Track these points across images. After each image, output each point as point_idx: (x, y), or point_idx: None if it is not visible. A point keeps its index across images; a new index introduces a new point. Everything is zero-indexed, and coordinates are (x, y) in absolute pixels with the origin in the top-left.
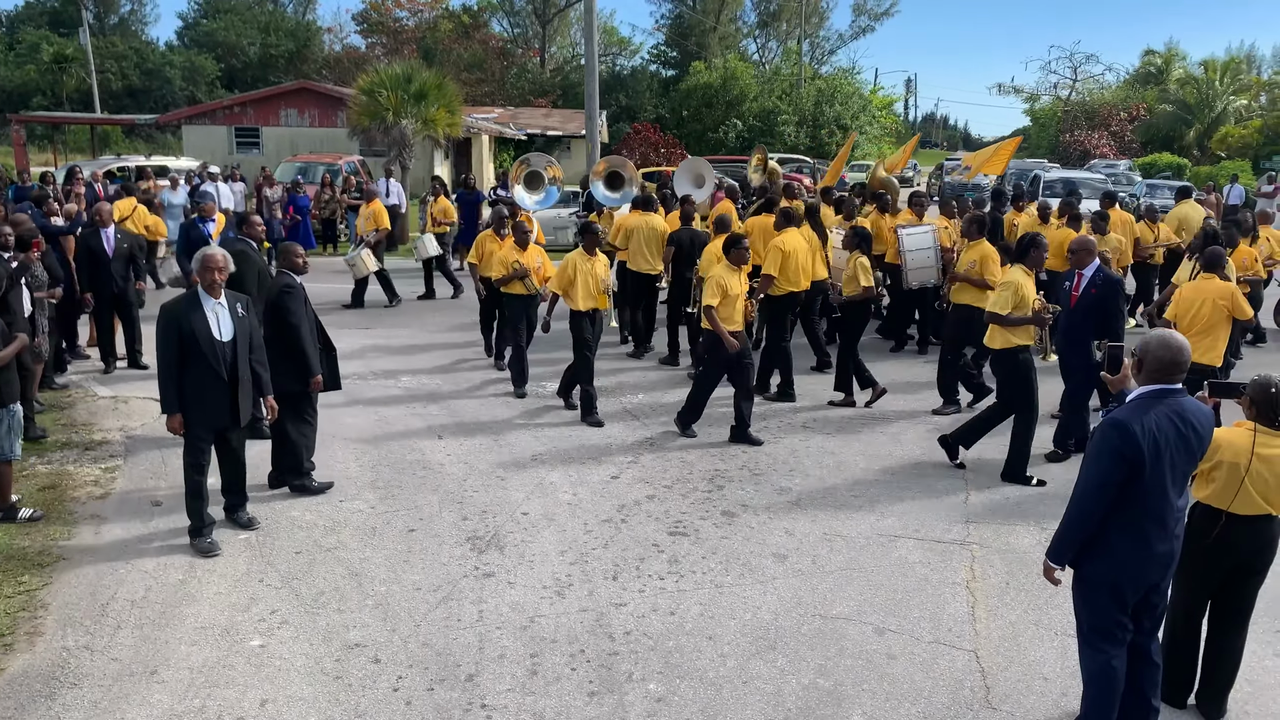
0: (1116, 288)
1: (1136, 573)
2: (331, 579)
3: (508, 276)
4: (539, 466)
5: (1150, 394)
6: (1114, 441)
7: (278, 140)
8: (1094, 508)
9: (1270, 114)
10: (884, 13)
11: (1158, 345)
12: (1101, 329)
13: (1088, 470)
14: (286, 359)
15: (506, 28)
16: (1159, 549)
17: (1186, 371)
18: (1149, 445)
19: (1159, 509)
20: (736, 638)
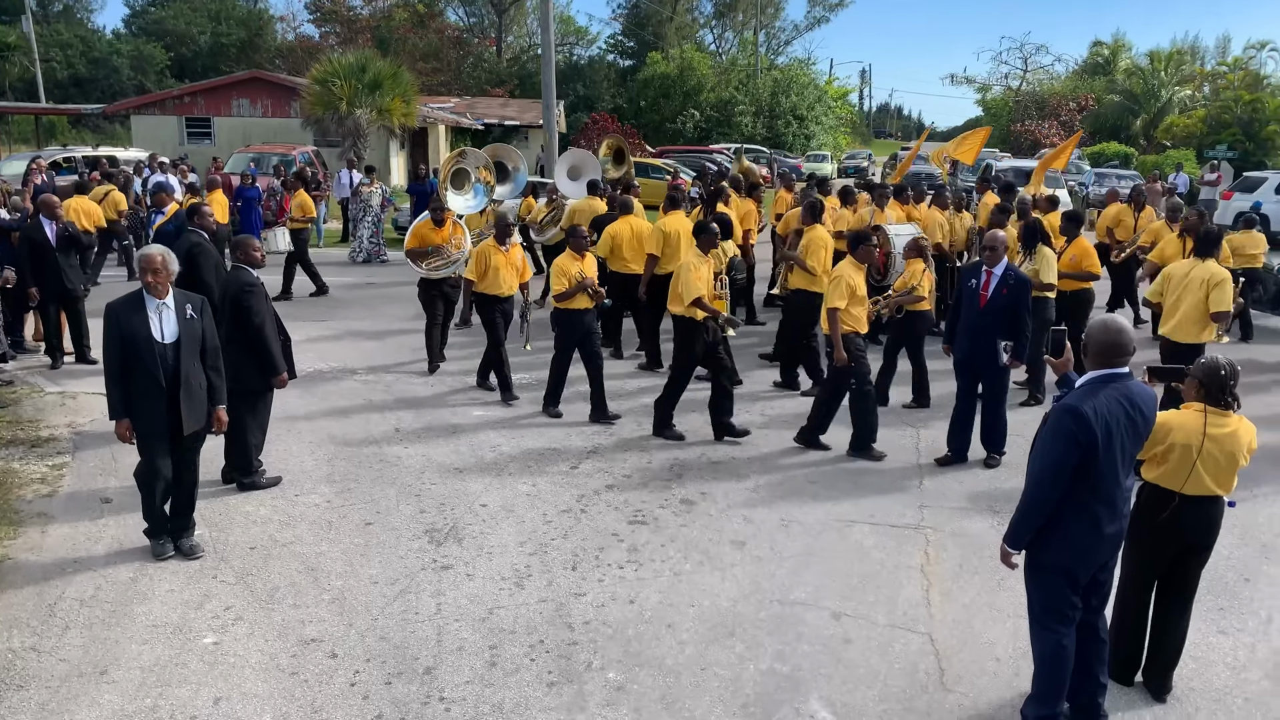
0: (1027, 287)
1: (1088, 554)
2: (287, 574)
3: (571, 290)
4: (498, 458)
5: (1097, 378)
6: (1068, 426)
7: (230, 130)
8: (1051, 492)
9: (1213, 104)
10: (838, 4)
11: (1101, 330)
12: (1011, 329)
13: (1043, 455)
14: (249, 357)
15: (462, 17)
16: (1109, 530)
17: (1131, 354)
18: (1101, 429)
19: (1109, 491)
20: (695, 625)
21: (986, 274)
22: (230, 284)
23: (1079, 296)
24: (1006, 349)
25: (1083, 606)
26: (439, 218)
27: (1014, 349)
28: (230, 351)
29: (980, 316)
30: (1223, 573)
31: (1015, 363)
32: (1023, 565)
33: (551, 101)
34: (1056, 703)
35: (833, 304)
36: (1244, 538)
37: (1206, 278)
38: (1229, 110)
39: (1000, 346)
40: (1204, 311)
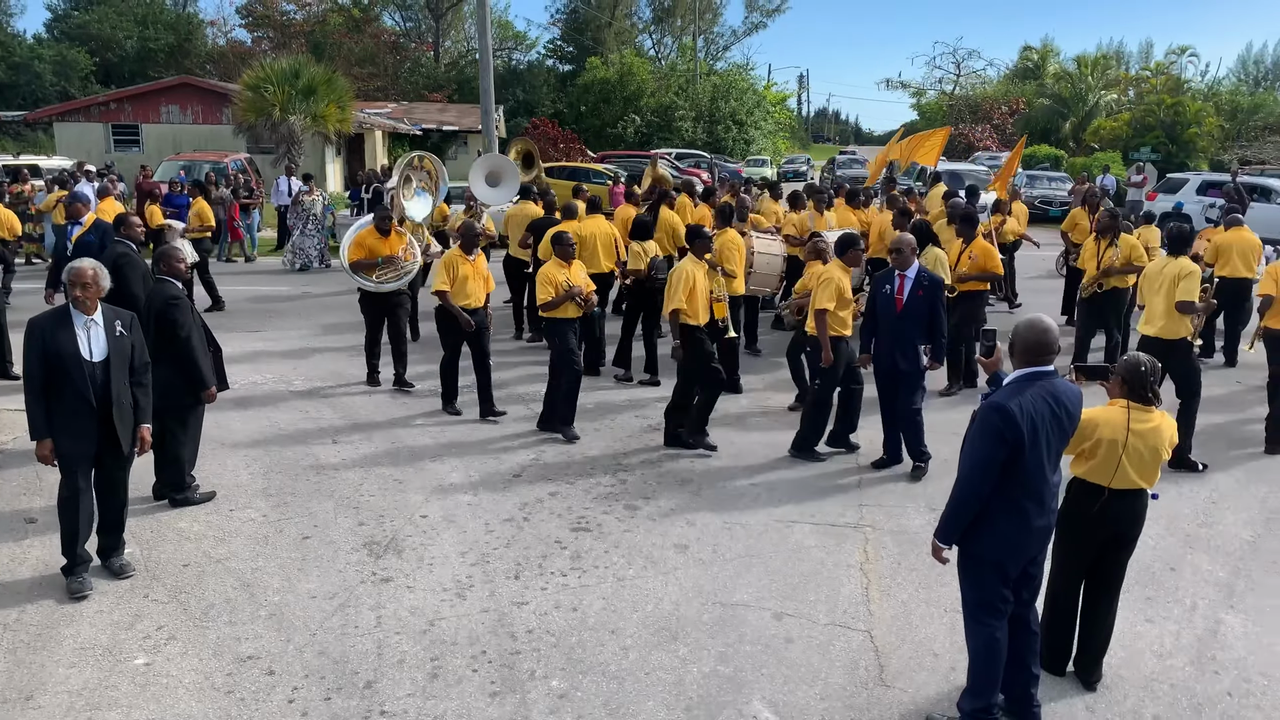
0: (940, 288)
1: (1018, 548)
2: (222, 591)
3: (558, 299)
4: (438, 467)
5: (1024, 376)
6: (996, 424)
7: (159, 138)
8: (980, 488)
9: (1138, 108)
10: (775, 9)
11: (1027, 330)
12: (929, 332)
13: (972, 453)
14: (176, 372)
15: (399, 21)
16: (1037, 524)
17: (1056, 353)
18: (1028, 426)
19: (1037, 487)
20: (639, 630)
21: (899, 278)
22: (154, 297)
23: (975, 297)
24: (926, 351)
25: (1014, 600)
26: (385, 226)
27: (933, 350)
28: (158, 366)
29: (898, 321)
30: (1149, 563)
31: (934, 364)
32: (955, 561)
33: (490, 106)
34: (991, 694)
35: (821, 305)
36: (1169, 528)
37: (1176, 272)
38: (1153, 113)
39: (920, 349)
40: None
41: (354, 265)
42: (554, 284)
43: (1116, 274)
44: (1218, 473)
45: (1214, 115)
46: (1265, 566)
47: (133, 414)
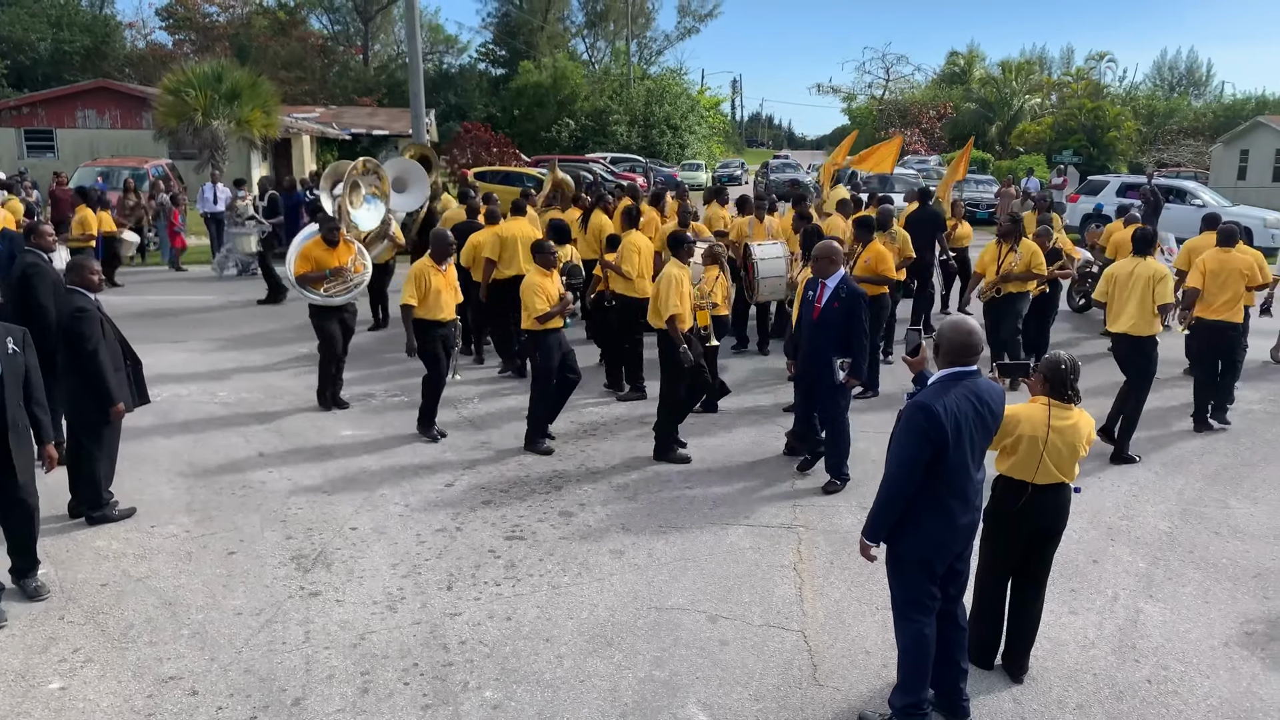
0: (860, 300)
1: (944, 545)
2: (142, 610)
3: (555, 310)
4: (368, 479)
5: (948, 376)
6: (920, 423)
7: (75, 143)
8: (906, 487)
9: (1060, 112)
10: (708, 14)
11: (952, 331)
12: (844, 344)
13: (898, 452)
14: (85, 387)
15: (326, 25)
16: (962, 521)
17: (979, 353)
18: (951, 425)
19: (961, 484)
20: (574, 638)
21: (821, 286)
22: (62, 309)
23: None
24: (843, 366)
25: (942, 596)
26: (333, 237)
27: (851, 366)
28: (69, 381)
29: (814, 329)
30: (1073, 556)
31: (851, 380)
32: (884, 559)
33: (420, 111)
34: (921, 690)
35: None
36: (1093, 522)
37: (1150, 275)
38: (1074, 117)
39: (836, 364)
40: (1151, 306)
41: (300, 279)
42: (546, 294)
43: (1015, 280)
44: (1138, 467)
45: (1132, 119)
46: (1182, 557)
47: (31, 434)
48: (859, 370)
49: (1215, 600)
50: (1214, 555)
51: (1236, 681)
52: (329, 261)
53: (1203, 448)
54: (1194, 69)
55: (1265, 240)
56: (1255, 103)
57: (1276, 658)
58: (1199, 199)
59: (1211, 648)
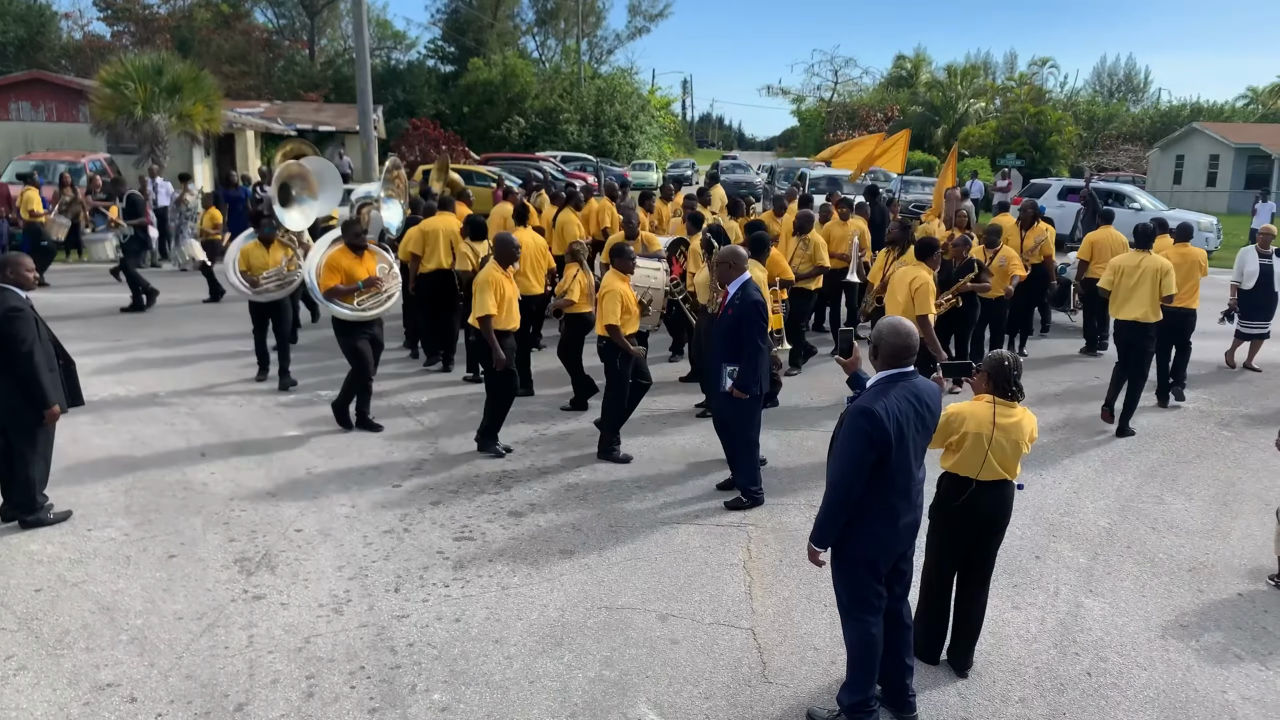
0: (754, 309)
1: (888, 545)
2: (78, 615)
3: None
4: (313, 480)
5: (887, 378)
6: (864, 427)
7: (9, 136)
8: (851, 491)
9: (1004, 116)
10: (659, 14)
11: (890, 333)
12: (735, 353)
13: (842, 457)
14: (18, 389)
15: (271, 18)
16: (905, 520)
17: (916, 354)
18: (894, 427)
19: (905, 484)
20: (523, 638)
21: (723, 291)
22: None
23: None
24: (731, 374)
25: (888, 595)
26: (360, 244)
27: (738, 376)
28: (1, 382)
29: (714, 335)
30: (1016, 552)
31: (738, 392)
32: (829, 560)
33: (368, 107)
34: (869, 687)
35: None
36: (1035, 518)
37: (1156, 268)
38: (1018, 122)
39: (725, 371)
40: (1156, 296)
41: (329, 293)
42: (626, 298)
43: None
44: (1078, 464)
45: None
46: (1120, 552)
47: None
48: (745, 382)
49: (1152, 594)
50: (1151, 550)
51: (1172, 673)
52: (358, 272)
53: (1139, 446)
54: (1132, 76)
55: (1199, 243)
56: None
57: (1210, 649)
58: (1137, 202)
59: (1149, 640)
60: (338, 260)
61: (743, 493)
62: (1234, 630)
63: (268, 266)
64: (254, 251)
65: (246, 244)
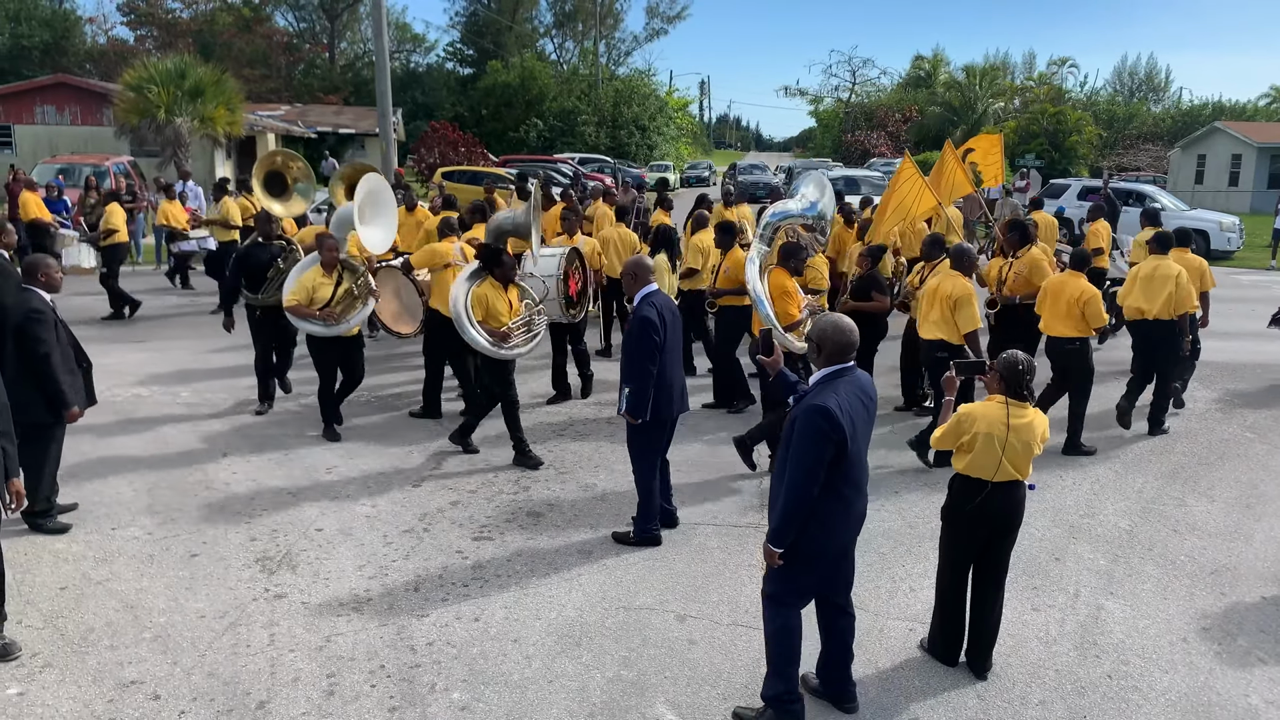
0: (640, 325)
1: (840, 536)
2: (103, 614)
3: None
4: (333, 480)
5: (831, 374)
6: (821, 425)
7: (34, 139)
8: (812, 490)
9: (1023, 116)
10: (676, 16)
11: (834, 330)
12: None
13: (800, 457)
14: (37, 390)
15: (292, 22)
16: (857, 508)
17: (856, 350)
18: (847, 422)
19: (857, 476)
20: (542, 638)
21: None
22: (15, 310)
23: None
24: (626, 397)
25: (830, 589)
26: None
27: (627, 398)
28: (18, 385)
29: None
30: (1035, 554)
31: (627, 417)
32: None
33: (387, 109)
34: (792, 678)
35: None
36: (1055, 520)
37: (1180, 269)
38: (1036, 122)
39: (621, 393)
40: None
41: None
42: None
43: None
44: (1098, 465)
45: (1092, 124)
46: (1141, 554)
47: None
48: (631, 406)
49: (1174, 596)
50: (1172, 552)
51: (1194, 676)
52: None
53: (1161, 447)
54: (1153, 75)
55: (1221, 243)
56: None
57: (1233, 652)
58: (1158, 203)
59: (1170, 643)
60: (482, 295)
61: (636, 529)
62: (1257, 634)
63: (505, 315)
64: (491, 293)
65: (478, 287)
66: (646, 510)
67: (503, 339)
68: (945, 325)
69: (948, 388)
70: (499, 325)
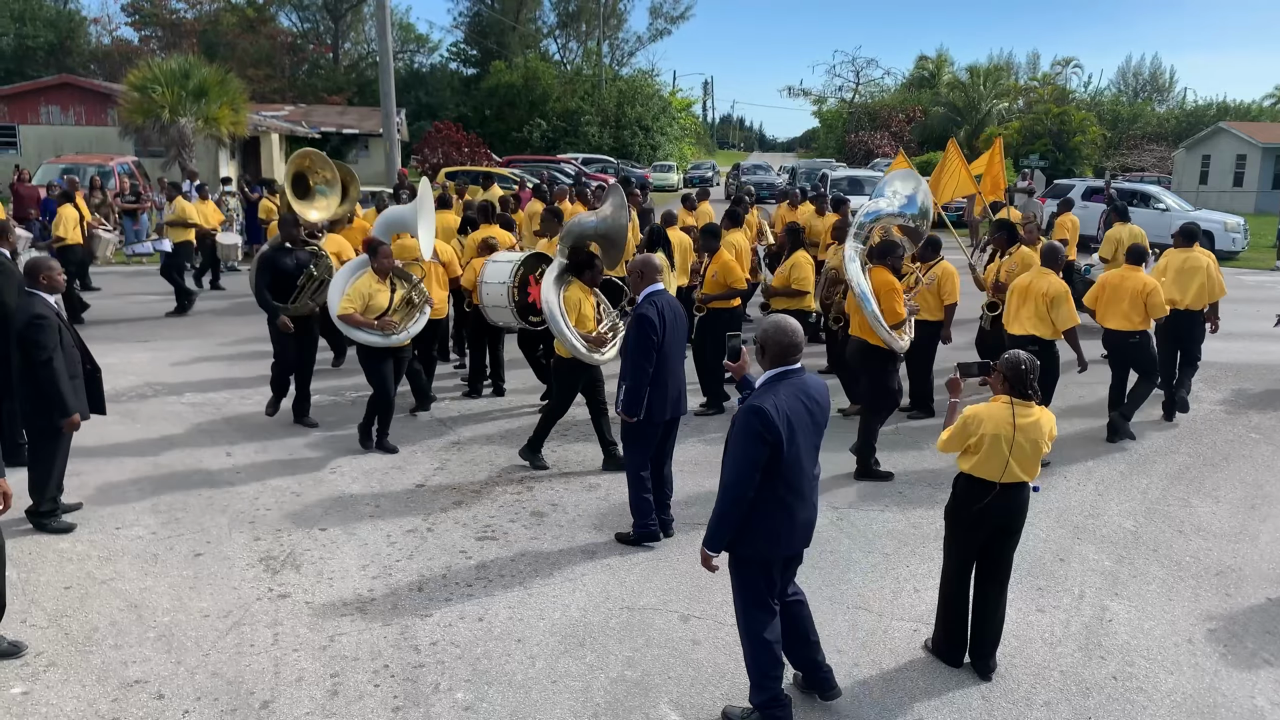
0: (637, 324)
1: (783, 542)
2: (107, 613)
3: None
4: (338, 479)
5: (775, 376)
6: (755, 426)
7: (39, 139)
8: (745, 490)
9: (1027, 116)
10: (680, 16)
11: (776, 332)
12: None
13: (735, 457)
14: (38, 394)
15: (296, 23)
16: (801, 517)
17: (802, 351)
18: (784, 424)
19: (797, 481)
20: (545, 638)
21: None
22: (19, 314)
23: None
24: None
25: (784, 591)
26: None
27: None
28: (23, 388)
29: None
30: (1040, 555)
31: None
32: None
33: (391, 110)
34: (775, 684)
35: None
36: (1059, 521)
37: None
38: (1041, 122)
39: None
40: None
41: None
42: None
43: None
44: (1102, 466)
45: (1097, 124)
46: (1146, 555)
47: None
48: (626, 402)
49: (1179, 598)
50: (1177, 553)
51: (1199, 678)
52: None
53: (1165, 447)
54: (1157, 75)
55: (1226, 244)
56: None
57: (1238, 654)
58: (1162, 203)
59: (1175, 644)
60: (573, 297)
61: (634, 529)
62: (1263, 635)
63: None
64: (580, 295)
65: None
66: (638, 507)
67: (599, 344)
68: (1040, 321)
69: (953, 390)
70: (587, 330)
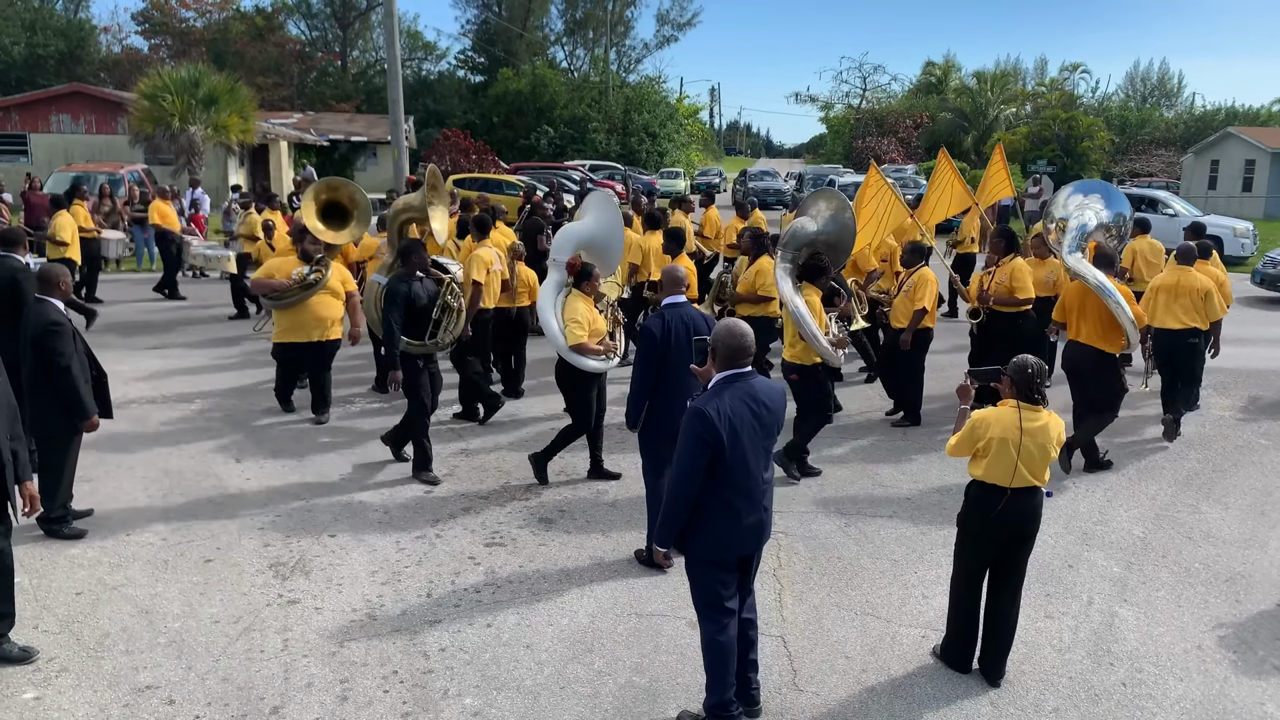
0: (641, 337)
1: (731, 545)
2: (118, 619)
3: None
4: (347, 485)
5: (724, 379)
6: (696, 429)
7: (49, 148)
8: (688, 490)
9: (1035, 122)
10: (686, 23)
11: (726, 334)
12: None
13: (678, 458)
14: (54, 400)
15: (304, 30)
16: (748, 520)
17: (753, 355)
18: (726, 428)
19: (744, 484)
20: (554, 644)
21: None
22: (34, 322)
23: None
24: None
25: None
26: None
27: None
28: (36, 394)
29: None
30: (1049, 561)
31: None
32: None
33: (399, 117)
34: (727, 688)
35: None
36: (1068, 527)
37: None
38: (1048, 127)
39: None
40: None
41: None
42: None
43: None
44: (1112, 472)
45: (1105, 130)
46: (1155, 561)
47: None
48: (627, 411)
49: (1188, 604)
50: (1186, 560)
51: (1209, 684)
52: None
53: (1175, 454)
54: (1165, 80)
55: (1235, 249)
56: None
57: (1248, 660)
58: (1171, 208)
59: (1185, 651)
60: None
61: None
62: (1272, 642)
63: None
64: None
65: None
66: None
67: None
68: (1197, 314)
69: (963, 397)
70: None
